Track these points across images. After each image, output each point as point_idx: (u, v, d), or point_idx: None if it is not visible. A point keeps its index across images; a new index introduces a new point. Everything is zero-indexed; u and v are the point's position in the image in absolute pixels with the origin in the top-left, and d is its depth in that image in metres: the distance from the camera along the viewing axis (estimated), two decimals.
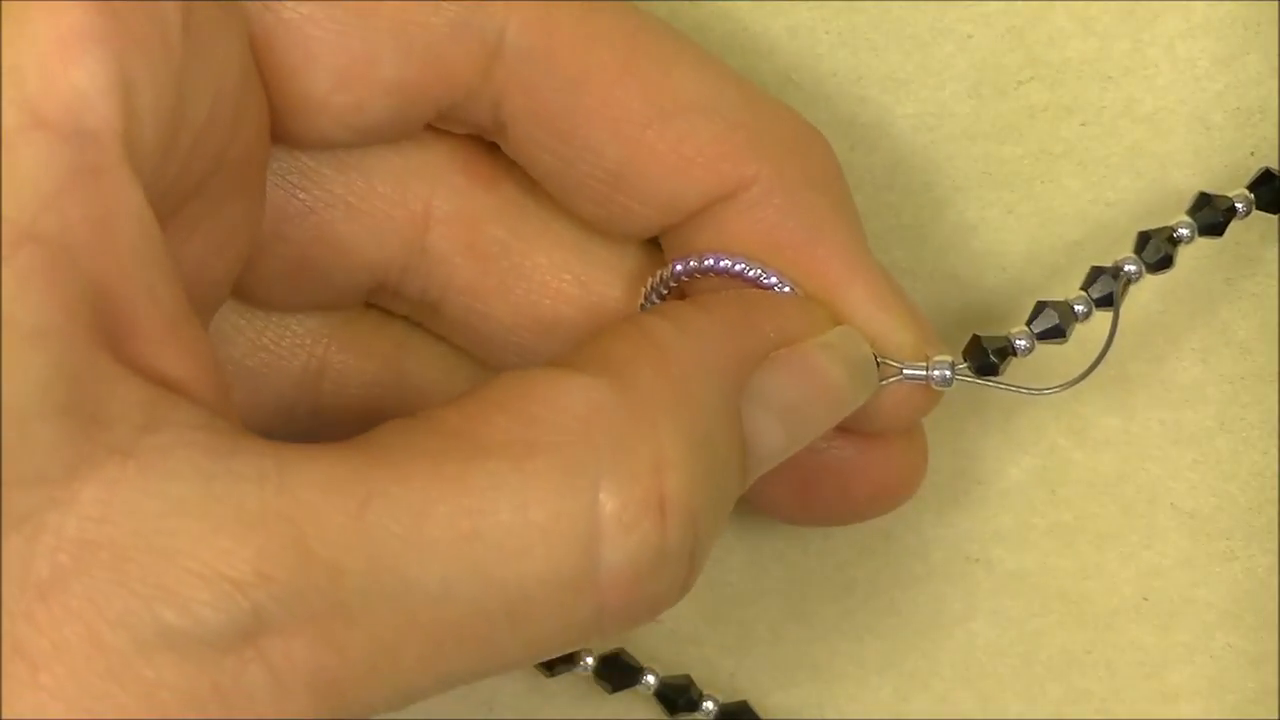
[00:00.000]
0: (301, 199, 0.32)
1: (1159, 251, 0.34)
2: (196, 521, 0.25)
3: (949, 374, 0.32)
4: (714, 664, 0.38)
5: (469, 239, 0.33)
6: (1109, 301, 0.33)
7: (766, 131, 0.32)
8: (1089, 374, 0.33)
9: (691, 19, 0.36)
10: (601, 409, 0.28)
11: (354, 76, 0.30)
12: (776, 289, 0.32)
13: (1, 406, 0.24)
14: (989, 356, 0.33)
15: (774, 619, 0.37)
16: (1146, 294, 0.36)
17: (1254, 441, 0.37)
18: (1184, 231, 0.34)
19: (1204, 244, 0.35)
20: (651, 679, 0.37)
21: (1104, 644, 0.37)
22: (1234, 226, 0.34)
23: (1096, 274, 0.34)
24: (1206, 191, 0.34)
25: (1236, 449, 0.37)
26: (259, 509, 0.25)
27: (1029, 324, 0.33)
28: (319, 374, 0.34)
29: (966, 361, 0.33)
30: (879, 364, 0.32)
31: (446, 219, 0.33)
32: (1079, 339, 0.33)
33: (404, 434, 0.27)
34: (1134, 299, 0.35)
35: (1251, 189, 0.34)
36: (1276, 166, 0.35)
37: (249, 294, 0.32)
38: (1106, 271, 0.34)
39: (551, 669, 0.37)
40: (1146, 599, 0.37)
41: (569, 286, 0.33)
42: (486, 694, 0.37)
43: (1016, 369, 0.33)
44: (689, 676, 0.37)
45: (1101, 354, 0.33)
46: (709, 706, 0.37)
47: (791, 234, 0.32)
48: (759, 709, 0.37)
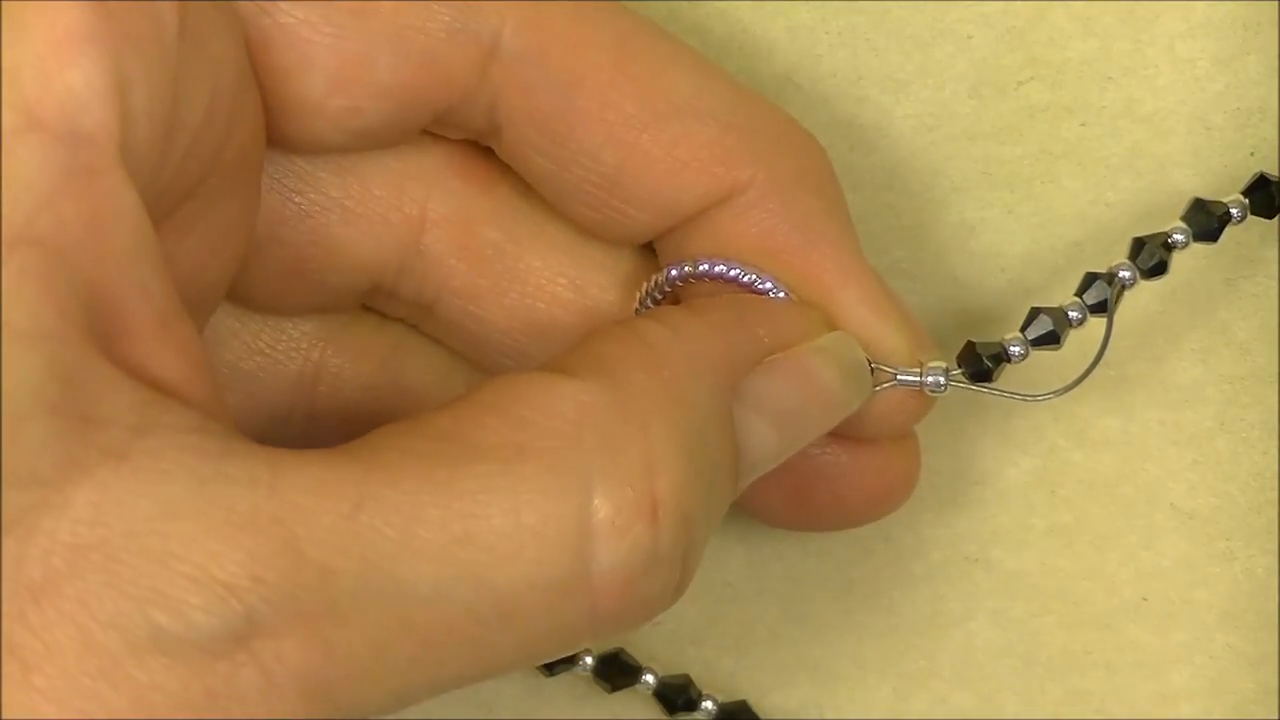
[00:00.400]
0: (297, 202, 0.32)
1: (1153, 257, 0.34)
2: (189, 524, 0.25)
3: (942, 380, 0.32)
4: (713, 664, 0.38)
5: (464, 241, 0.33)
6: (1104, 308, 0.33)
7: (760, 135, 0.32)
8: (1081, 381, 0.33)
9: (691, 20, 0.36)
10: (593, 411, 0.28)
11: (350, 79, 0.30)
12: (771, 294, 0.32)
13: None
14: (983, 362, 0.33)
15: (773, 619, 0.37)
16: (1146, 295, 0.36)
17: (1254, 442, 0.36)
18: (1179, 237, 0.34)
19: (1204, 244, 0.35)
20: (651, 678, 0.37)
21: (1103, 644, 0.37)
22: (1232, 229, 0.34)
23: (1091, 280, 0.33)
24: (1201, 197, 0.34)
25: (1236, 450, 0.37)
26: (251, 511, 0.25)
27: (1023, 330, 0.33)
28: (315, 378, 0.34)
29: (960, 367, 0.33)
30: (873, 369, 0.32)
31: (442, 221, 0.33)
32: (1077, 342, 0.33)
33: (396, 438, 0.27)
34: (1133, 300, 0.35)
35: (1246, 194, 0.34)
36: (1277, 167, 0.35)
37: (245, 297, 0.32)
38: (1101, 277, 0.33)
39: (551, 669, 0.37)
40: (1146, 599, 0.37)
41: (564, 290, 0.33)
42: (487, 692, 0.37)
43: (1012, 374, 0.33)
44: (688, 676, 0.37)
45: (1095, 360, 0.33)
46: (708, 706, 0.37)
47: (786, 238, 0.32)
48: (758, 709, 0.37)
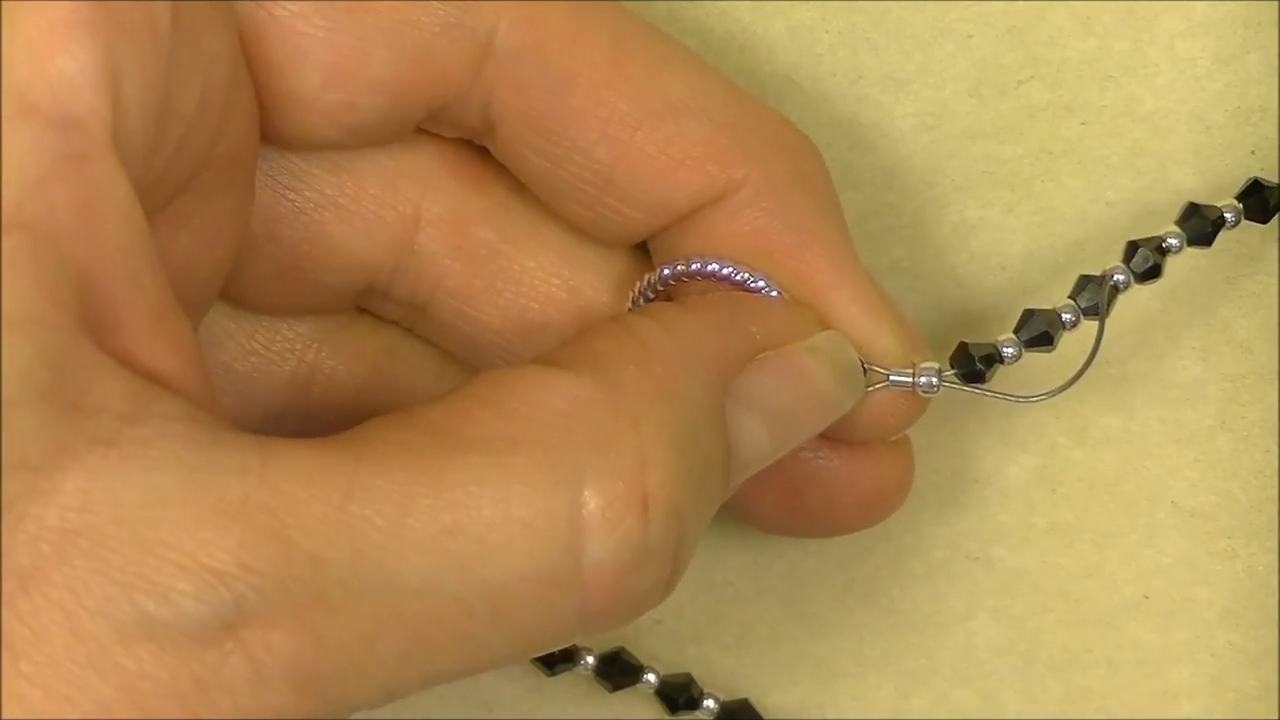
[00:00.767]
0: (292, 200, 0.32)
1: (1147, 261, 0.34)
2: (178, 512, 0.25)
3: (935, 381, 0.32)
4: (714, 662, 0.38)
5: (458, 240, 0.33)
6: (1097, 310, 0.33)
7: (755, 135, 0.32)
8: (1073, 383, 0.33)
9: (691, 19, 0.36)
10: (584, 405, 0.28)
11: (344, 74, 0.30)
12: (764, 292, 0.32)
13: None
14: (976, 364, 0.33)
15: (774, 618, 0.37)
16: (1146, 293, 0.36)
17: (1254, 440, 0.36)
18: (1173, 241, 0.34)
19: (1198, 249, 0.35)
20: (652, 678, 0.37)
21: (1104, 642, 0.37)
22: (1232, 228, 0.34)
23: (1084, 283, 0.33)
24: (1195, 202, 0.34)
25: (1237, 447, 0.37)
26: (240, 500, 0.25)
27: (1016, 332, 0.33)
28: (309, 379, 0.34)
29: (953, 368, 0.33)
30: (865, 370, 0.32)
31: (436, 220, 0.33)
32: (1076, 342, 0.33)
33: (387, 429, 0.27)
34: (1133, 298, 0.35)
35: (1240, 199, 0.34)
36: (1277, 165, 0.35)
37: (239, 296, 0.33)
38: (1094, 280, 0.33)
39: (552, 668, 0.37)
40: (1147, 597, 0.37)
41: (557, 290, 0.33)
42: (487, 691, 0.37)
43: (1009, 374, 0.33)
44: (689, 675, 0.37)
45: (1085, 364, 0.33)
46: (710, 705, 0.37)
47: (779, 237, 0.32)
48: (759, 707, 0.37)
